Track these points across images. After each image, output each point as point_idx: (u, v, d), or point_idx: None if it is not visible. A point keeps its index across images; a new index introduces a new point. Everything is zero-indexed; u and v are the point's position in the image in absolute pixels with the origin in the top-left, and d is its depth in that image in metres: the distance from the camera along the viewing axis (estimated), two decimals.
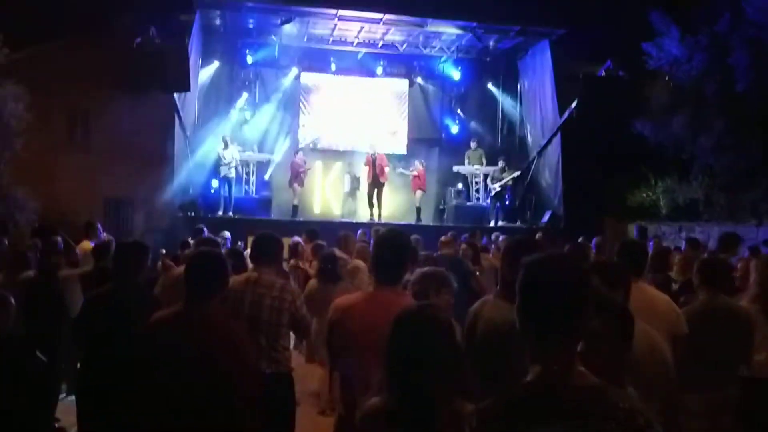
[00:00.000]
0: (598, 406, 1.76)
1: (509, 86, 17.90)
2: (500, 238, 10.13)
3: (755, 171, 12.36)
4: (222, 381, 3.13)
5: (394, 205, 17.17)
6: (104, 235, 9.66)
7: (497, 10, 12.59)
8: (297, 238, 9.83)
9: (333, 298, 3.88)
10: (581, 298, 1.89)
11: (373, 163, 15.13)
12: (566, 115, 14.70)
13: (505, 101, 18.04)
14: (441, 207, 17.24)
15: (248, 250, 6.76)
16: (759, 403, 4.49)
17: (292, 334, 4.66)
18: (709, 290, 4.45)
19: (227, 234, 10.55)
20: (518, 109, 17.74)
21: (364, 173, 15.62)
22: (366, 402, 2.47)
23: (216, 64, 16.41)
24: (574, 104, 14.33)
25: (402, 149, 17.93)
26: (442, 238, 7.47)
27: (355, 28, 16.01)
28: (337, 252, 6.96)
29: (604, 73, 14.23)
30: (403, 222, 15.68)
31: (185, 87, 12.66)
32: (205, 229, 9.59)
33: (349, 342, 3.28)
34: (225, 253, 4.88)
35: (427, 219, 16.48)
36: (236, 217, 14.25)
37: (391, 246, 3.38)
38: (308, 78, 17.49)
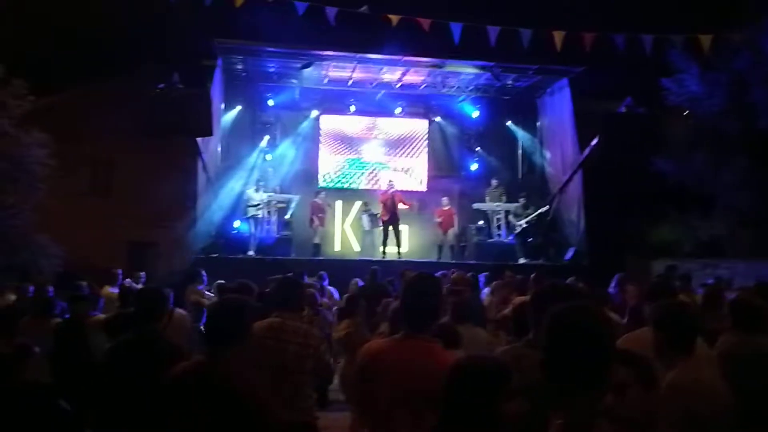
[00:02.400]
0: None
1: (528, 124, 17.94)
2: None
3: None
4: None
5: (416, 243, 17.21)
6: (128, 281, 9.75)
7: (515, 49, 12.62)
8: None
9: None
10: (607, 350, 1.87)
11: (389, 200, 15.18)
12: (587, 152, 14.68)
13: (524, 139, 18.06)
14: (462, 244, 17.17)
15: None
16: None
17: None
18: (742, 332, 4.35)
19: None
20: (538, 146, 17.73)
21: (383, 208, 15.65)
22: None
23: (238, 108, 16.65)
24: (594, 141, 14.32)
25: (422, 187, 18.02)
26: (456, 275, 7.23)
27: (374, 70, 16.19)
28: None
29: (624, 110, 14.22)
30: (424, 259, 15.68)
31: (208, 132, 12.84)
32: (204, 273, 9.54)
33: (379, 389, 3.22)
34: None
35: (448, 256, 16.40)
36: (258, 257, 14.29)
37: (422, 292, 3.32)
38: (328, 119, 17.69)
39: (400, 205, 15.56)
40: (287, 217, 16.15)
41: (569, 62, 14.68)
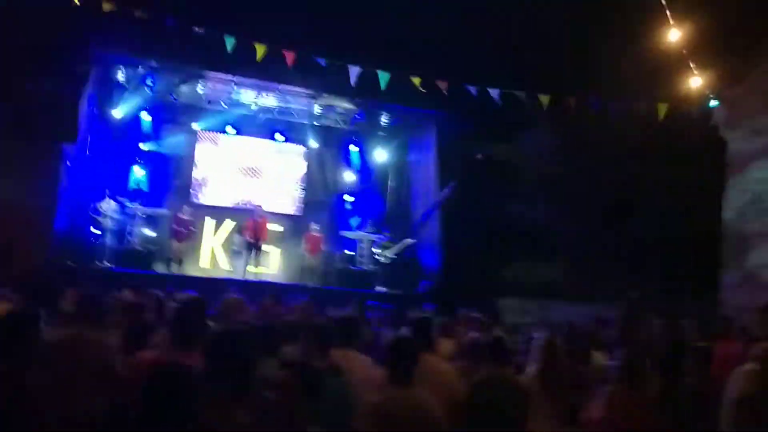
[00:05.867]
0: None
1: (399, 159, 18.75)
2: None
3: (609, 256, 13.41)
4: None
5: (284, 265, 17.61)
6: None
7: (386, 90, 13.23)
8: None
9: None
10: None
11: (255, 222, 15.58)
12: (446, 192, 15.64)
13: (394, 173, 18.85)
14: (327, 270, 17.64)
15: None
16: None
17: None
18: (492, 364, 5.03)
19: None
20: (406, 181, 18.55)
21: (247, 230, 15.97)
22: None
23: (114, 116, 16.45)
24: (451, 184, 15.31)
25: (295, 211, 18.43)
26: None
27: (252, 93, 16.56)
28: None
29: (481, 155, 15.26)
30: (287, 282, 16.16)
31: (72, 138, 12.79)
32: None
33: None
34: None
35: (312, 281, 16.77)
36: (114, 268, 14.29)
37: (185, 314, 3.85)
38: (205, 136, 17.84)
39: (269, 227, 16.00)
40: (149, 231, 16.10)
41: (436, 106, 15.48)
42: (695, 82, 10.46)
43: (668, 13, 9.75)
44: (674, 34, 10.02)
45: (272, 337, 4.46)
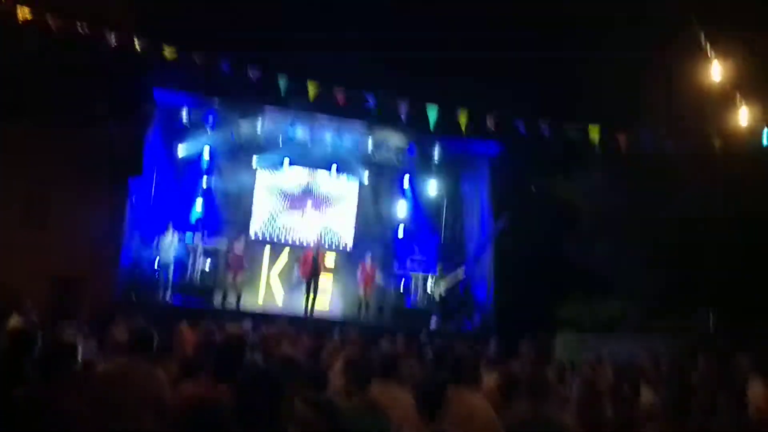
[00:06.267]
0: None
1: (452, 192, 18.80)
2: None
3: (667, 292, 13.15)
4: None
5: (339, 299, 17.76)
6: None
7: (438, 125, 13.36)
8: None
9: None
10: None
11: (311, 257, 15.81)
12: (500, 222, 15.61)
13: (447, 206, 18.90)
14: (380, 306, 17.70)
15: None
16: None
17: None
18: (531, 401, 5.03)
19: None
20: (459, 214, 18.57)
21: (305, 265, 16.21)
22: None
23: (178, 154, 17.10)
24: (504, 218, 15.28)
25: (349, 244, 18.64)
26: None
27: (307, 129, 17.01)
28: None
29: (534, 189, 15.21)
30: (340, 316, 16.34)
31: (137, 171, 13.41)
32: None
33: None
34: None
35: (365, 315, 16.85)
36: (174, 301, 14.72)
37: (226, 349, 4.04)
38: (264, 170, 18.29)
39: (325, 261, 16.24)
40: (206, 267, 16.50)
41: (490, 139, 15.50)
42: (750, 116, 10.29)
43: (709, 49, 9.66)
44: (724, 69, 9.91)
45: (312, 372, 4.59)
